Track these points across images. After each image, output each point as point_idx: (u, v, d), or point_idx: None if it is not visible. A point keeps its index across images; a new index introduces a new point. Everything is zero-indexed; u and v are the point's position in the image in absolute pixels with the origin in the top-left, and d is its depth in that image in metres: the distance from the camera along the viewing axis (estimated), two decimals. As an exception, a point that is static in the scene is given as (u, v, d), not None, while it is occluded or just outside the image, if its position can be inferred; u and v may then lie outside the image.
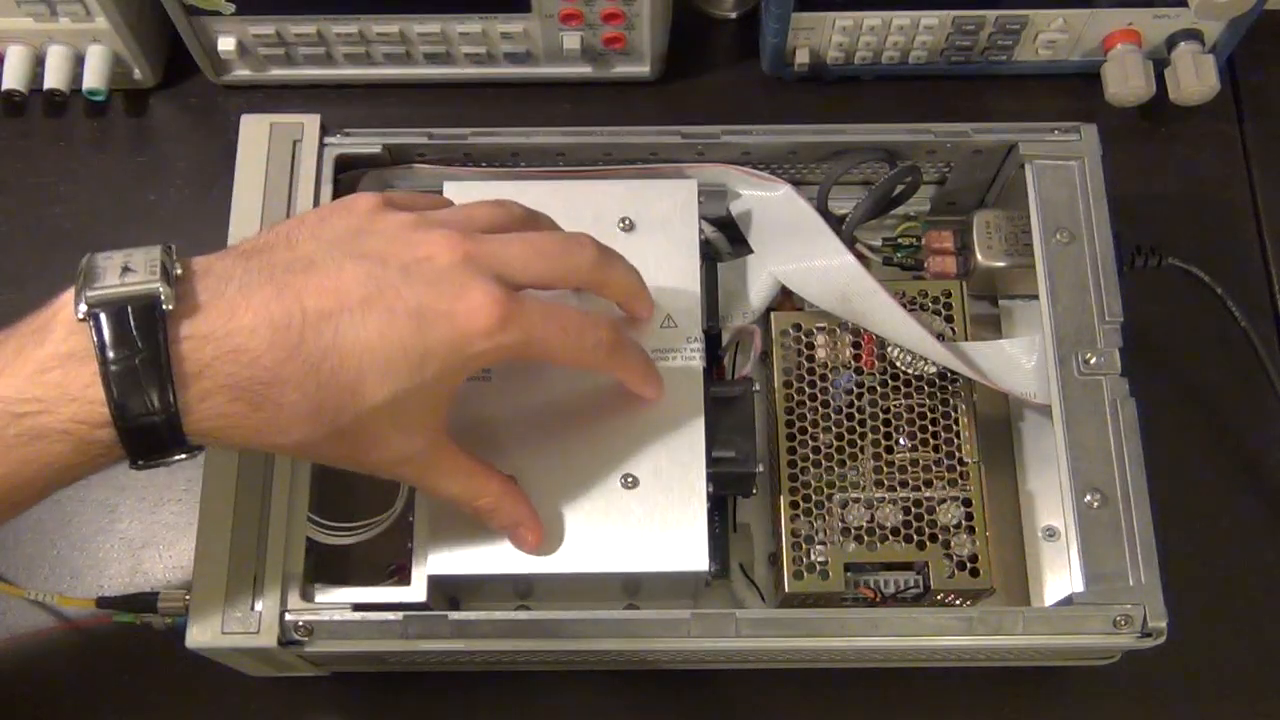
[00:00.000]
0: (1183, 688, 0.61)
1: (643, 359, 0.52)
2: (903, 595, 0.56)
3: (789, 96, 0.72)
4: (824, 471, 0.57)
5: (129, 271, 0.43)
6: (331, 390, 0.44)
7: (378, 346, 0.44)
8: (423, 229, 0.47)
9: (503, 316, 0.45)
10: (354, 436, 0.45)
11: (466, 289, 0.45)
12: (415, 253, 0.46)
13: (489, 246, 0.47)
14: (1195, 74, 0.67)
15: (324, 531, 0.54)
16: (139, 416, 0.42)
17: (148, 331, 0.42)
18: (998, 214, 0.61)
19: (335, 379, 0.44)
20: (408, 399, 0.45)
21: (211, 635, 0.51)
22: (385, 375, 0.44)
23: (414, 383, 0.45)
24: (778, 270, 0.59)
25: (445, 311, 0.45)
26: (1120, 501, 0.52)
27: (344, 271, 0.44)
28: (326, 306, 0.44)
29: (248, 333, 0.43)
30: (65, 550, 0.63)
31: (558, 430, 0.54)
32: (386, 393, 0.44)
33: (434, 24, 0.67)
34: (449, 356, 0.45)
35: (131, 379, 0.41)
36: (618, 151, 0.59)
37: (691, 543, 0.52)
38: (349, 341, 0.44)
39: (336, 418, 0.44)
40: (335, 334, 0.43)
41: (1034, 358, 0.58)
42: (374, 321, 0.44)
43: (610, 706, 0.60)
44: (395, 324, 0.44)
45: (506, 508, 0.51)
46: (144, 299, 0.42)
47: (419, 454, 0.48)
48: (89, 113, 0.72)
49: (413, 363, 0.44)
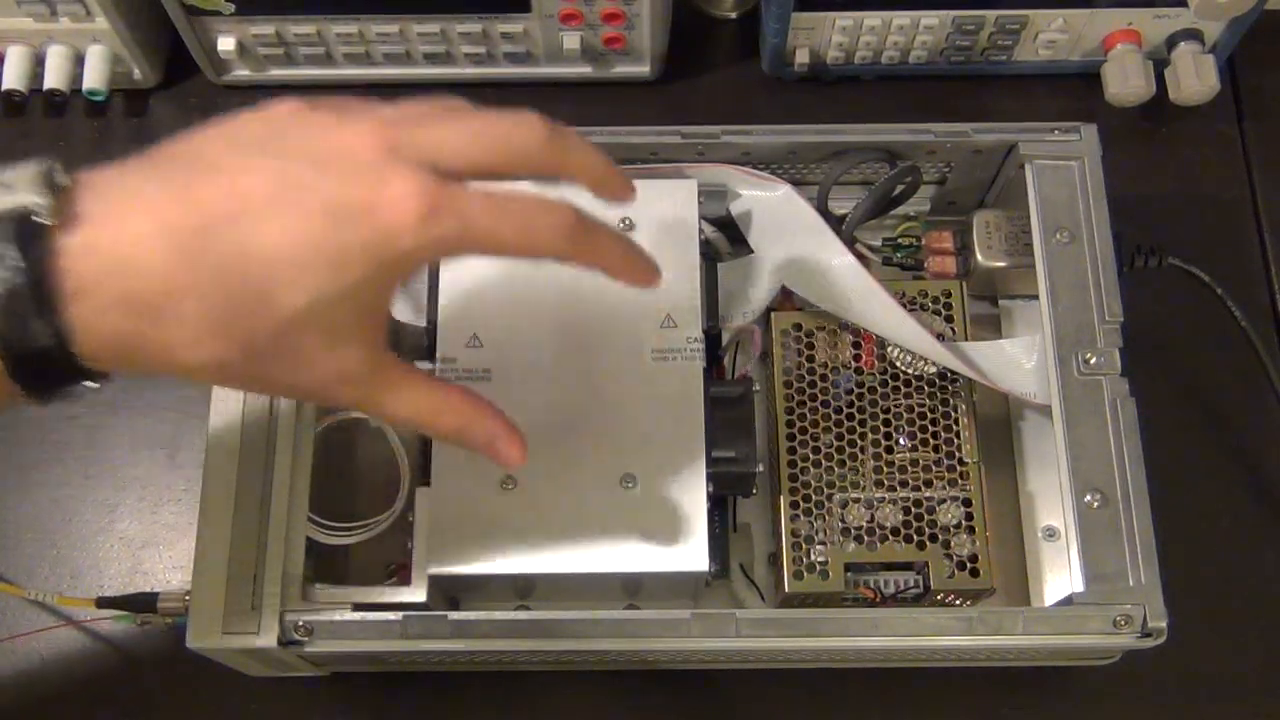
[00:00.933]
0: (1183, 688, 0.61)
1: (618, 240, 0.45)
2: (903, 595, 0.56)
3: (789, 96, 0.72)
4: (824, 471, 0.57)
5: (6, 189, 0.38)
6: (240, 300, 0.39)
7: (288, 248, 0.39)
8: (344, 124, 0.41)
9: (431, 206, 0.39)
10: (277, 354, 0.41)
11: (388, 179, 0.40)
12: (332, 145, 0.40)
13: (416, 132, 0.41)
14: (1195, 74, 0.67)
15: (324, 531, 0.54)
16: (22, 342, 0.38)
17: (24, 248, 0.37)
18: (998, 214, 0.61)
19: (242, 287, 0.39)
20: (331, 307, 0.40)
21: (211, 635, 0.51)
22: (299, 280, 0.39)
23: (335, 287, 0.40)
24: (778, 270, 0.59)
25: (365, 205, 0.39)
26: (1120, 501, 0.52)
27: (249, 171, 0.40)
28: (229, 208, 0.39)
29: (138, 240, 0.38)
30: (65, 550, 0.63)
31: (558, 430, 0.54)
32: (303, 300, 0.39)
33: (434, 24, 0.67)
34: (373, 256, 0.40)
35: (9, 301, 0.37)
36: (618, 151, 0.59)
37: (691, 543, 0.53)
38: (255, 245, 0.39)
39: (251, 332, 0.40)
40: (239, 237, 0.39)
41: (1034, 358, 0.58)
42: (283, 221, 0.39)
43: (610, 706, 0.60)
44: (307, 222, 0.39)
45: (477, 422, 0.46)
46: (18, 213, 0.38)
47: (357, 371, 0.42)
48: (89, 113, 0.72)
49: (330, 264, 0.39)
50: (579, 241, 0.43)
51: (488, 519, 0.53)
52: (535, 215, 0.42)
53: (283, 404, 0.54)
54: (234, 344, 0.40)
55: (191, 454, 0.64)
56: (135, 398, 0.65)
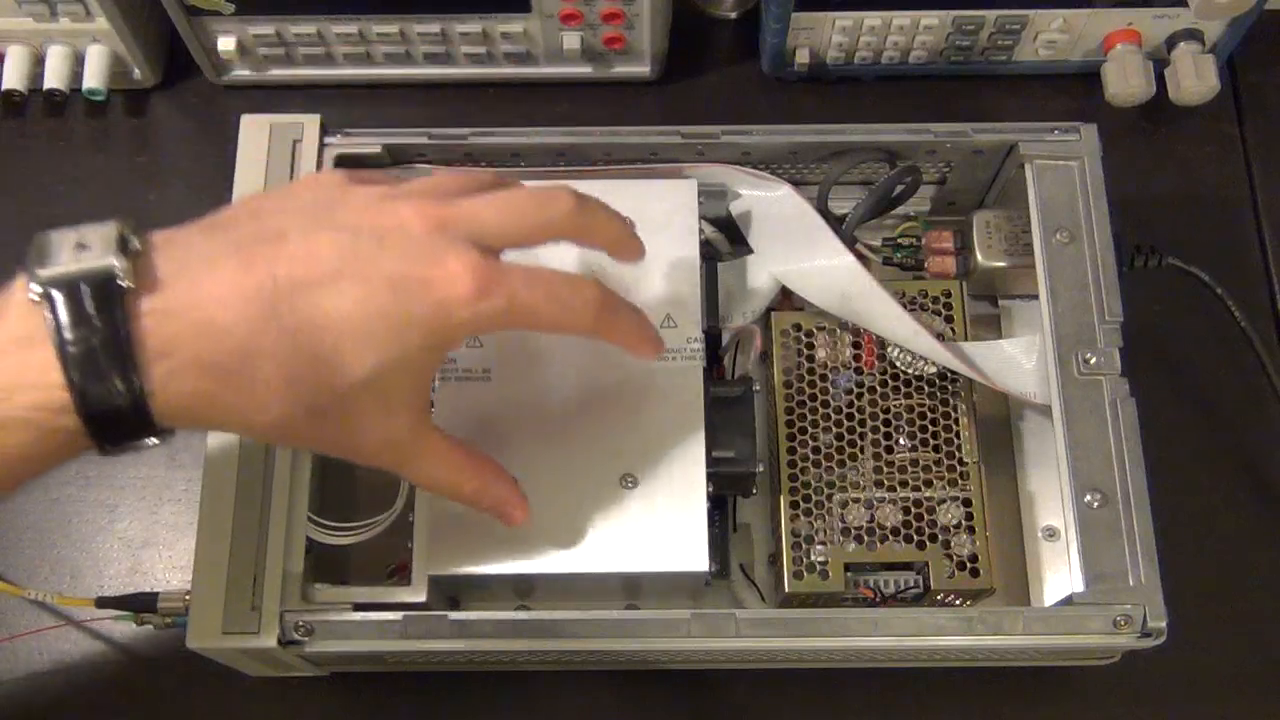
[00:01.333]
0: (1183, 688, 0.61)
1: (635, 317, 0.50)
2: (903, 595, 0.56)
3: (789, 96, 0.72)
4: (824, 471, 0.57)
5: (83, 249, 0.40)
6: (308, 363, 0.41)
7: (356, 317, 0.42)
8: (393, 199, 0.45)
9: (482, 283, 0.43)
10: (335, 415, 0.43)
11: (443, 256, 0.43)
12: (387, 221, 0.43)
13: (462, 210, 0.45)
14: (1195, 74, 0.67)
15: (324, 531, 0.54)
16: (102, 400, 0.39)
17: (106, 310, 0.39)
18: (998, 214, 0.61)
19: (312, 351, 0.41)
20: (389, 373, 0.43)
21: (211, 635, 0.50)
22: (365, 347, 0.42)
23: (395, 354, 0.43)
24: (778, 270, 0.59)
25: (423, 279, 0.42)
26: (1120, 501, 0.52)
27: (316, 241, 0.42)
28: (300, 276, 0.41)
29: (216, 305, 0.40)
30: (65, 550, 0.63)
31: (558, 430, 0.54)
32: (367, 365, 0.42)
33: (434, 24, 0.67)
34: (430, 326, 0.43)
35: (91, 361, 0.39)
36: (618, 151, 0.59)
37: (691, 543, 0.53)
38: (325, 312, 0.41)
39: (315, 393, 0.42)
40: (310, 305, 0.41)
41: (1034, 358, 0.58)
42: (351, 291, 0.42)
43: (610, 706, 0.60)
44: (373, 294, 0.42)
45: (492, 487, 0.50)
46: (100, 275, 0.39)
47: (402, 438, 0.46)
48: (89, 113, 0.72)
49: (393, 333, 0.42)
50: (604, 319, 0.47)
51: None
52: (569, 295, 0.46)
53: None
54: (300, 406, 0.42)
55: (191, 454, 0.64)
56: (135, 398, 0.65)
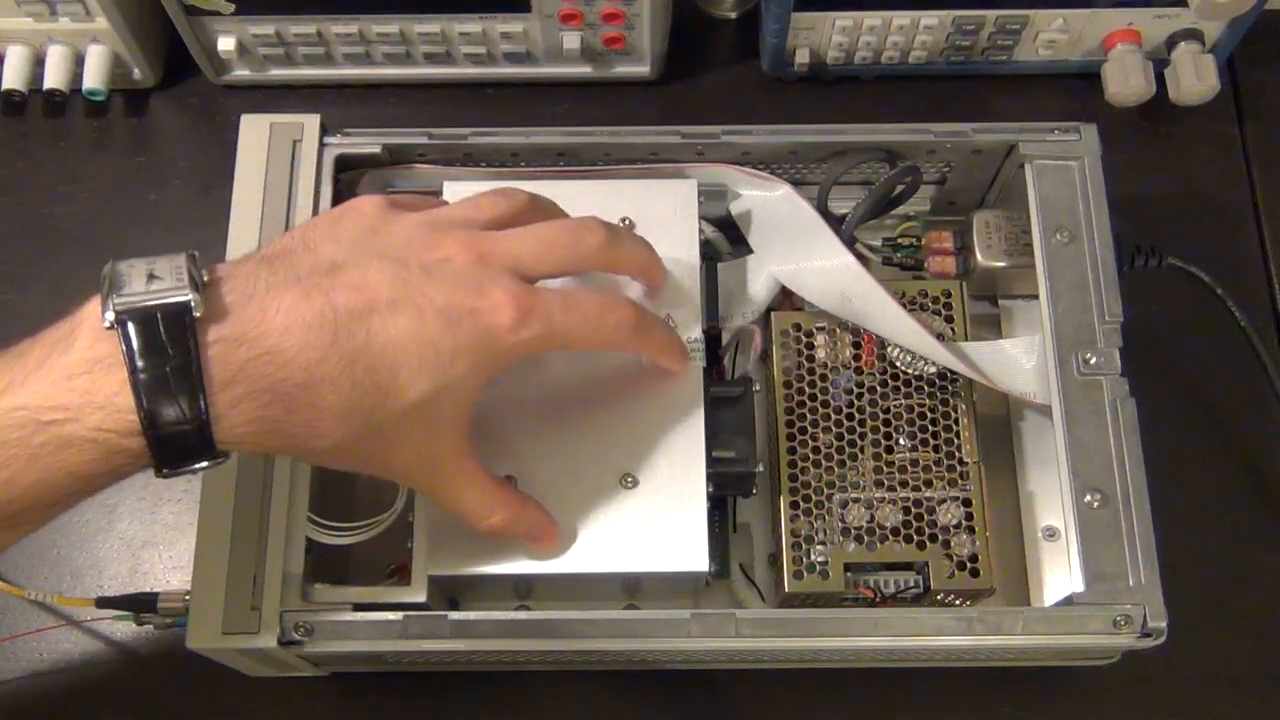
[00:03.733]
0: (1183, 688, 0.61)
1: (665, 332, 0.53)
2: (903, 595, 0.56)
3: (789, 96, 0.72)
4: (824, 471, 0.57)
5: (155, 279, 0.42)
6: (366, 390, 0.44)
7: (410, 344, 0.44)
8: (436, 230, 0.47)
9: (524, 311, 0.46)
10: (387, 440, 0.45)
11: (487, 287, 0.46)
12: (433, 254, 0.46)
13: (503, 245, 0.47)
14: (1195, 74, 0.67)
15: (324, 531, 0.54)
16: (170, 425, 0.41)
17: (178, 339, 0.41)
18: (998, 214, 0.61)
19: (370, 378, 0.44)
20: (438, 399, 0.45)
21: (211, 635, 0.50)
22: (418, 373, 0.44)
23: (445, 380, 0.45)
24: (778, 270, 0.59)
25: (471, 309, 0.45)
26: (1120, 501, 0.52)
27: (369, 271, 0.45)
28: (357, 305, 0.44)
29: (280, 334, 0.42)
30: (65, 550, 0.63)
31: (558, 430, 0.54)
32: (419, 391, 0.45)
33: (434, 24, 0.67)
34: (478, 353, 0.45)
35: (162, 387, 0.41)
36: (618, 151, 0.59)
37: (691, 543, 0.53)
38: (382, 340, 0.44)
39: (370, 418, 0.44)
40: (368, 333, 0.44)
41: (1034, 358, 0.58)
42: (405, 320, 0.44)
43: (610, 706, 0.60)
44: (425, 322, 0.44)
45: (523, 521, 0.51)
46: (174, 307, 0.42)
47: (442, 462, 0.48)
48: (89, 113, 0.72)
49: (444, 360, 0.45)
50: (638, 336, 0.50)
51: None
52: (604, 316, 0.49)
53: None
54: (356, 430, 0.44)
55: (191, 454, 0.63)
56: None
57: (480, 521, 0.50)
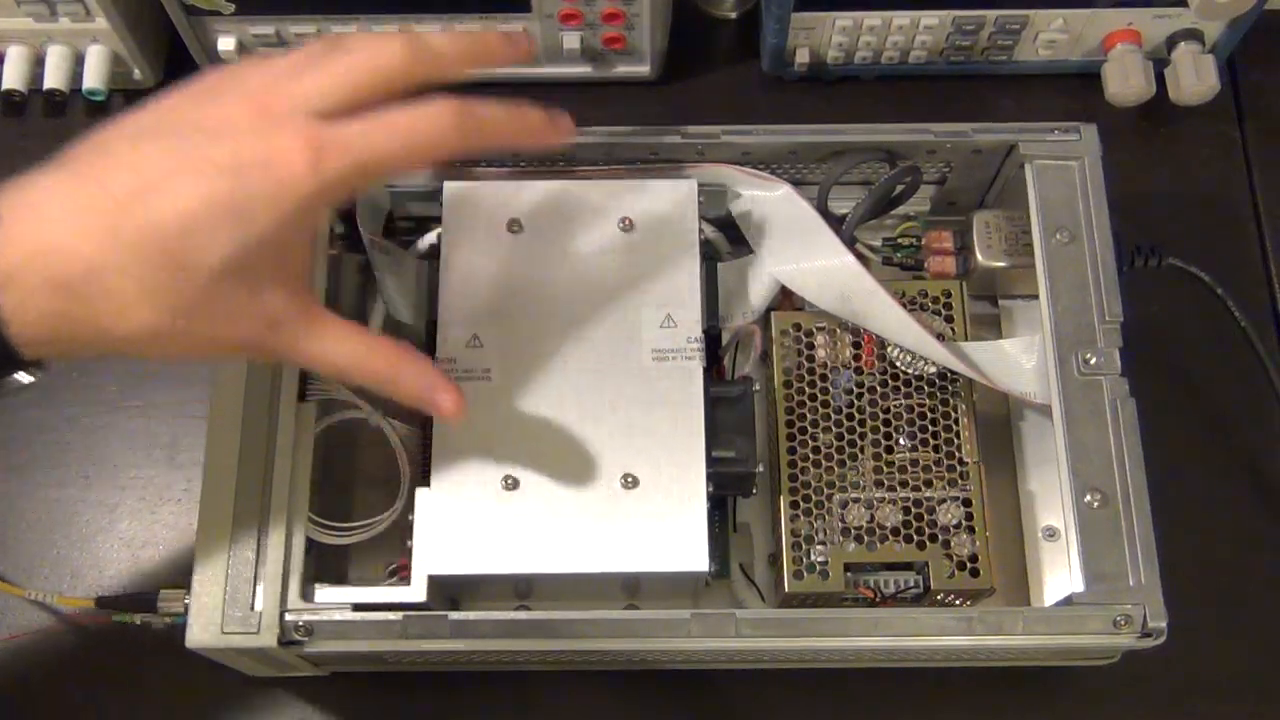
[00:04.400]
0: (1183, 688, 0.61)
1: (505, 111, 0.48)
2: (903, 595, 0.56)
3: (789, 96, 0.72)
4: (824, 471, 0.57)
5: None
6: (161, 268, 0.42)
7: (198, 211, 0.42)
8: (216, 96, 0.45)
9: (318, 149, 0.43)
10: (205, 312, 0.43)
11: (272, 134, 0.43)
12: (212, 117, 0.44)
13: (287, 88, 0.45)
14: (1195, 74, 0.67)
15: (324, 531, 0.54)
16: None
17: None
18: (998, 214, 0.61)
19: (163, 256, 0.42)
20: (247, 257, 0.43)
21: (211, 635, 0.51)
22: (212, 238, 0.42)
23: (248, 239, 0.43)
24: (778, 270, 0.59)
25: (260, 161, 0.43)
26: (1120, 501, 0.52)
27: (143, 149, 0.43)
28: (133, 185, 0.42)
29: (53, 226, 0.41)
30: (65, 550, 0.63)
31: (558, 430, 0.54)
32: (221, 256, 0.43)
33: (434, 24, 0.67)
34: (279, 204, 0.43)
35: None
36: (618, 151, 0.59)
37: (691, 543, 0.53)
38: (167, 215, 0.42)
39: (176, 295, 0.43)
40: (148, 210, 0.42)
41: (1034, 358, 0.58)
42: (187, 189, 0.42)
43: (610, 706, 0.60)
44: (211, 186, 0.42)
45: (409, 371, 0.48)
46: None
47: (283, 313, 0.45)
48: (89, 113, 0.71)
49: (236, 219, 0.43)
50: (466, 128, 0.46)
51: (488, 519, 0.53)
52: (416, 120, 0.45)
53: (283, 402, 0.54)
54: (162, 309, 0.43)
55: (191, 454, 0.64)
56: (135, 398, 0.65)
57: (356, 372, 0.48)
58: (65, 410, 0.65)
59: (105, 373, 0.66)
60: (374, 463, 0.59)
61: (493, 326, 0.56)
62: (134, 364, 0.66)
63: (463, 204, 0.58)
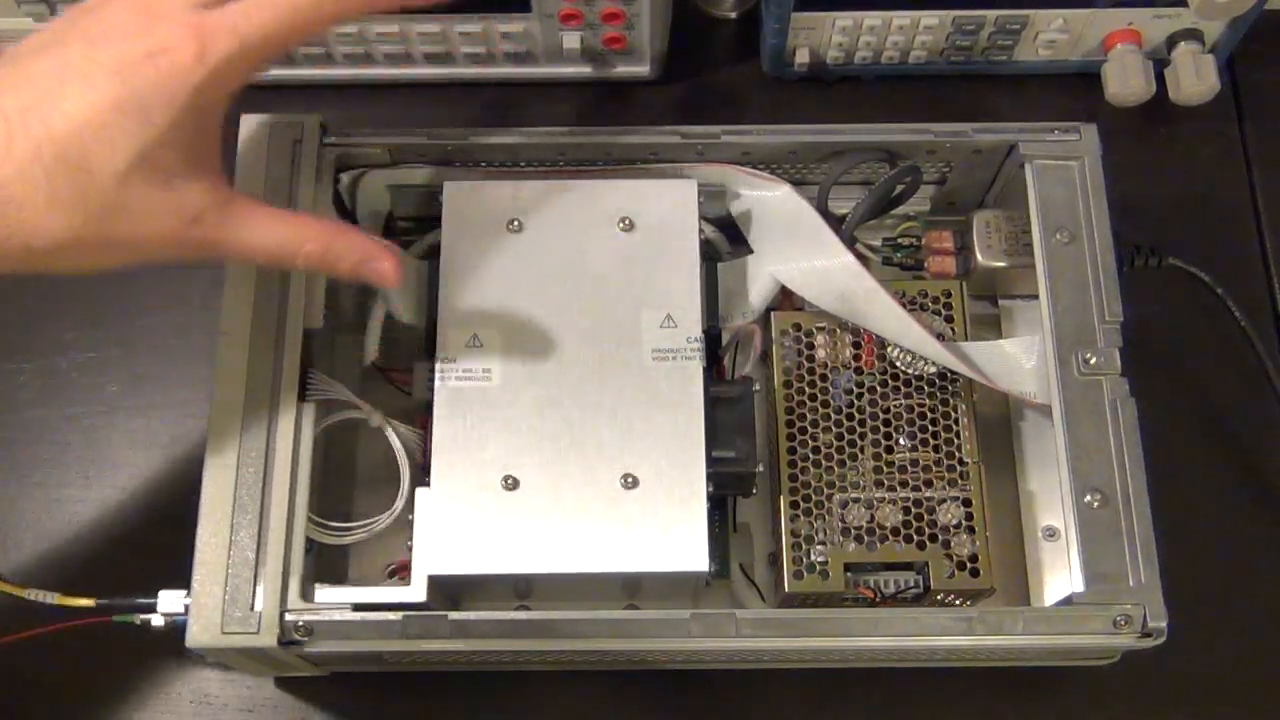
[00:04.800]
0: (1183, 688, 0.61)
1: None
2: (903, 595, 0.56)
3: (789, 96, 0.72)
4: (824, 471, 0.57)
5: None
6: (65, 176, 0.42)
7: (91, 115, 0.43)
8: (100, 6, 0.45)
9: (199, 37, 0.44)
10: (120, 213, 0.44)
11: (153, 28, 0.44)
12: (97, 24, 0.45)
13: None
14: (1195, 74, 0.67)
15: (324, 531, 0.54)
16: None
17: None
18: (998, 214, 0.61)
19: (65, 163, 0.42)
20: (152, 152, 0.44)
21: (211, 635, 0.51)
22: (111, 140, 0.43)
23: (148, 137, 0.43)
24: (778, 270, 0.59)
25: (144, 56, 0.43)
26: (1120, 501, 0.52)
27: (26, 64, 0.44)
28: (23, 100, 0.43)
29: None
30: (65, 550, 0.63)
31: (558, 430, 0.54)
32: (125, 157, 0.43)
33: (434, 24, 0.67)
34: (172, 96, 0.43)
35: None
36: (618, 151, 0.59)
37: (691, 543, 0.53)
38: (60, 124, 0.42)
39: (85, 202, 0.43)
40: (42, 121, 0.42)
41: (1034, 358, 0.58)
42: (76, 94, 0.43)
43: (610, 706, 0.60)
44: (99, 88, 0.43)
45: (341, 245, 0.48)
46: None
47: (202, 205, 0.45)
48: (89, 113, 0.71)
49: (134, 116, 0.43)
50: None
51: (488, 519, 0.53)
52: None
53: (283, 402, 0.54)
54: (75, 214, 0.43)
55: (191, 454, 0.64)
56: (135, 398, 0.65)
57: (293, 256, 0.48)
58: (65, 410, 0.65)
59: (105, 373, 0.66)
60: (374, 463, 0.59)
61: (493, 326, 0.56)
62: (134, 364, 0.66)
63: (463, 204, 0.58)
